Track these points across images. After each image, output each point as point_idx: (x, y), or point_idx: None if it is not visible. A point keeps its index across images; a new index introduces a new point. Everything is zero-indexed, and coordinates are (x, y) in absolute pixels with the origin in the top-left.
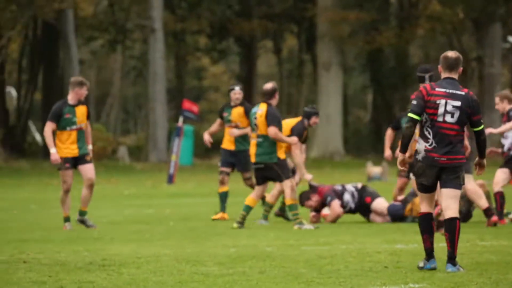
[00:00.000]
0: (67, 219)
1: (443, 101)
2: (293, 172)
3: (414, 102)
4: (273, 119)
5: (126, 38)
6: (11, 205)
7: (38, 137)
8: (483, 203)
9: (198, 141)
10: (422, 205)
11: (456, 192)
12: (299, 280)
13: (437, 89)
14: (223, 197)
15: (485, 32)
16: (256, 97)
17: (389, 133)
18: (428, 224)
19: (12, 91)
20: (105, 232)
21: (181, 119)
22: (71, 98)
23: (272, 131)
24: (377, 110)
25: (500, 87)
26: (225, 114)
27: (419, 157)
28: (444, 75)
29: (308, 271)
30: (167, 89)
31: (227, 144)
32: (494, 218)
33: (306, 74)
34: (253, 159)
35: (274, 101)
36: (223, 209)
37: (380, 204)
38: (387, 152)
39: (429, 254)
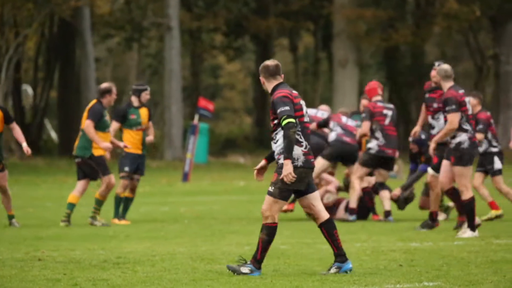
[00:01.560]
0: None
1: None
2: None
3: None
4: (92, 114)
5: (142, 36)
6: (26, 203)
7: (53, 134)
8: None
9: (213, 139)
10: None
11: None
12: (313, 278)
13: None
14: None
15: (502, 30)
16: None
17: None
18: None
19: (28, 89)
20: (120, 230)
21: (196, 117)
22: None
23: (86, 123)
24: None
25: None
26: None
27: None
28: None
29: (323, 269)
30: (183, 87)
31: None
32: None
33: (322, 72)
34: (74, 151)
35: (105, 101)
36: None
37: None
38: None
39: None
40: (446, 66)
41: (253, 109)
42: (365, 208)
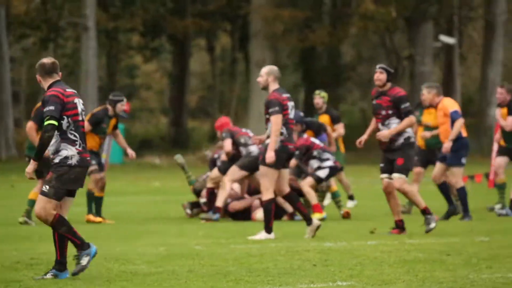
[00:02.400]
0: None
1: None
2: None
3: None
4: (35, 116)
5: (59, 36)
6: None
7: None
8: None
9: (129, 139)
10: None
11: None
12: (227, 278)
13: None
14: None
15: (417, 31)
16: (189, 96)
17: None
18: None
19: None
20: (34, 231)
21: None
22: None
23: (28, 125)
24: (309, 108)
25: None
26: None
27: None
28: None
29: (237, 269)
30: (99, 87)
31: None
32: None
33: (239, 72)
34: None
35: None
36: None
37: None
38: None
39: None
40: (273, 68)
41: (169, 109)
42: (281, 208)
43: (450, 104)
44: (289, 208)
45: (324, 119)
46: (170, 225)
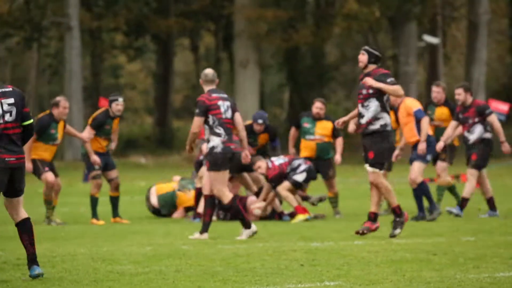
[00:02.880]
0: None
1: None
2: None
3: None
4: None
5: (42, 36)
6: None
7: None
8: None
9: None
10: None
11: None
12: (215, 278)
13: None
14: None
15: (400, 31)
16: (173, 95)
17: (292, 132)
18: None
19: None
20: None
21: None
22: None
23: None
24: (293, 108)
25: (415, 85)
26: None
27: None
28: None
29: (224, 269)
30: (83, 87)
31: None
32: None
33: (223, 72)
34: None
35: (55, 112)
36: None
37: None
38: (292, 151)
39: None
40: (207, 71)
41: (154, 109)
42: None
43: (413, 104)
44: (278, 207)
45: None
46: (156, 225)
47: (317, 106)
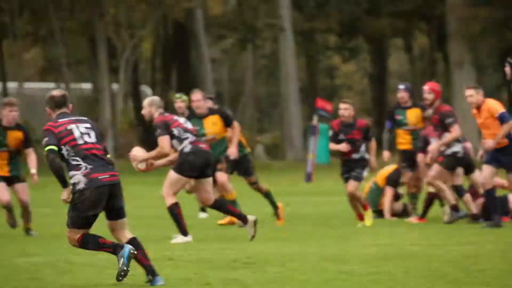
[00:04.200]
0: None
1: None
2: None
3: None
4: None
5: (256, 37)
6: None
7: None
8: None
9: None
10: None
11: None
12: (445, 280)
13: None
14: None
15: None
16: (389, 96)
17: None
18: None
19: (147, 90)
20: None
21: (315, 118)
22: None
23: None
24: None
25: None
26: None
27: None
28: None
29: (453, 271)
30: (300, 88)
31: None
32: None
33: (439, 73)
34: None
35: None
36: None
37: None
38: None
39: None
40: (154, 98)
41: (371, 110)
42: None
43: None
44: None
45: None
46: (381, 226)
47: None
